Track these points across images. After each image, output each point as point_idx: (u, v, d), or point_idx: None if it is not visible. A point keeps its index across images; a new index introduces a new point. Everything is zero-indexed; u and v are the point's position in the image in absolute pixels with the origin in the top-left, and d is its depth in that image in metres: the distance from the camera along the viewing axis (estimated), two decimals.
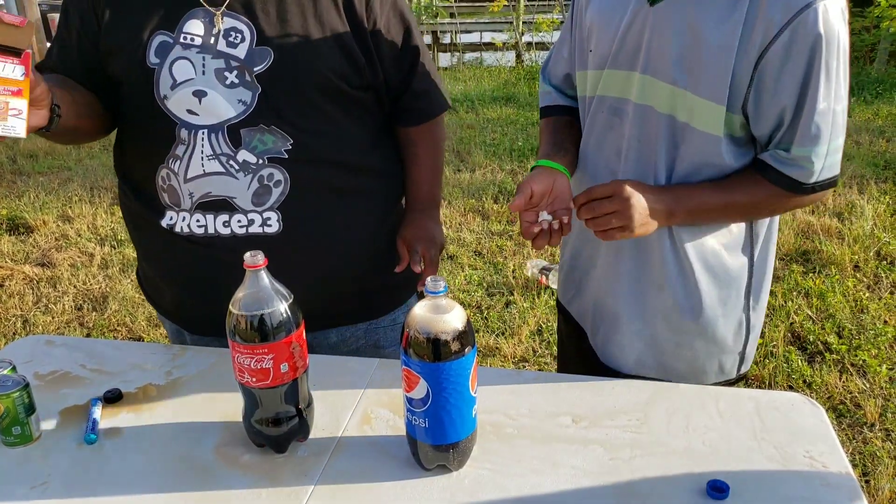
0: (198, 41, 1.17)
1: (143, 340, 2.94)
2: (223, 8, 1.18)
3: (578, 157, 1.28)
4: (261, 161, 1.19)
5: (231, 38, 1.18)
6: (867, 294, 3.08)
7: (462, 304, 3.10)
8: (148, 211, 1.26)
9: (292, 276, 1.23)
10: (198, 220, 1.22)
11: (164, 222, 1.24)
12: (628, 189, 1.05)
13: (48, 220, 4.06)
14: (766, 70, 1.01)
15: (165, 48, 1.18)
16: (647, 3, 1.09)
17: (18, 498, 0.94)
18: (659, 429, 1.04)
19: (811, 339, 2.76)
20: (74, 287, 3.37)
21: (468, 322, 0.91)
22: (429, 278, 0.89)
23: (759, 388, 2.52)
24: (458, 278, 3.32)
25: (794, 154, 1.06)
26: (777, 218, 1.24)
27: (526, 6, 9.52)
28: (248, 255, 0.93)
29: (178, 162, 1.20)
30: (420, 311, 0.90)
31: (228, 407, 1.11)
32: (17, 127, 0.98)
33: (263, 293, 0.94)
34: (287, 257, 1.21)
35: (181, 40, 1.18)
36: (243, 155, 1.19)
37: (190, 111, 1.18)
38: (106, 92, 1.24)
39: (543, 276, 3.24)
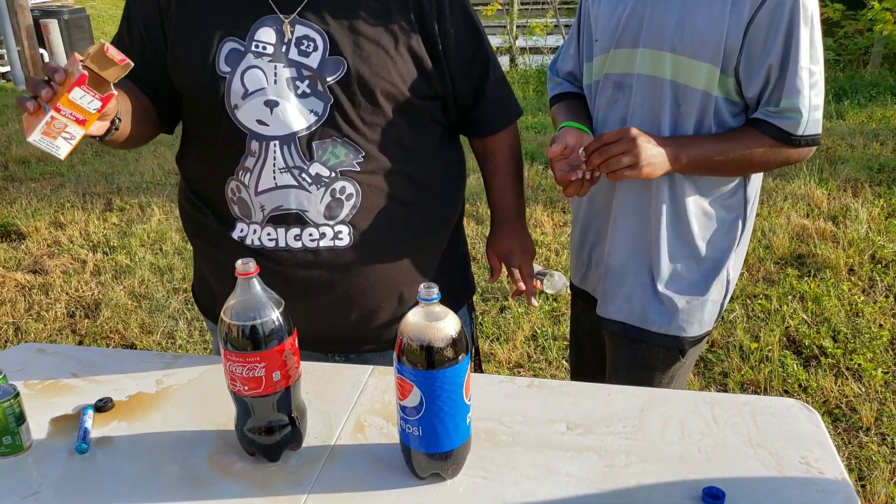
0: (269, 49, 1.16)
1: (135, 348, 2.92)
2: (294, 15, 1.16)
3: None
4: (333, 174, 1.18)
5: (303, 47, 1.16)
6: (862, 298, 3.08)
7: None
8: (217, 222, 1.25)
9: (363, 291, 1.25)
10: (269, 234, 1.21)
11: (235, 234, 1.23)
12: (634, 131, 1.19)
13: (40, 227, 4.04)
14: (755, 35, 1.18)
15: (236, 56, 1.16)
16: None
17: None
18: (654, 435, 1.04)
19: (806, 344, 2.76)
20: (67, 294, 3.35)
21: (462, 329, 0.91)
22: (422, 285, 0.89)
23: (755, 392, 2.51)
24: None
25: (783, 106, 1.20)
26: (758, 192, 1.38)
27: (520, 10, 9.55)
28: (239, 262, 0.93)
29: (249, 174, 1.19)
30: (413, 318, 0.90)
31: (221, 415, 1.10)
32: (62, 148, 0.99)
33: (255, 301, 0.93)
34: (359, 271, 1.22)
35: (252, 48, 1.16)
36: (316, 168, 1.18)
37: (260, 122, 1.16)
38: (163, 100, 1.23)
39: (538, 281, 3.23)
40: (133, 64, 1.01)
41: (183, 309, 3.21)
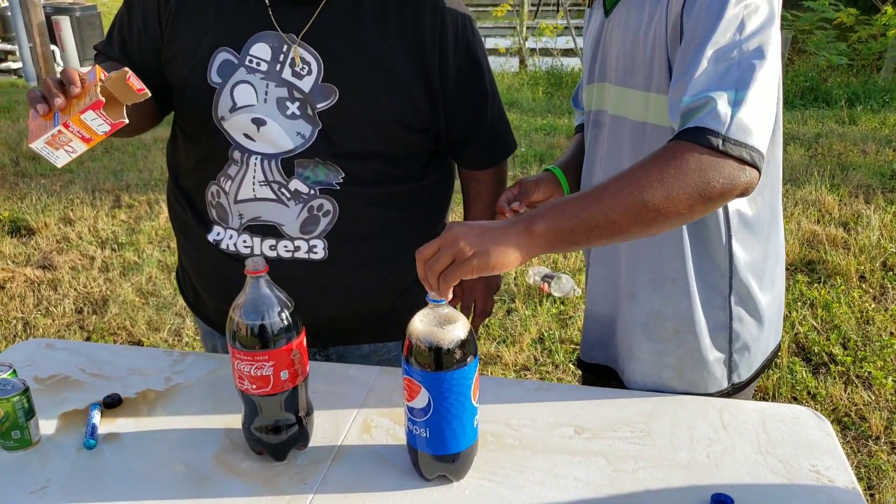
0: (263, 66, 1.15)
1: (142, 344, 2.93)
2: (298, 40, 1.15)
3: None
4: (312, 191, 1.18)
5: (297, 69, 1.15)
6: (873, 305, 3.06)
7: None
8: (196, 222, 1.26)
9: (332, 297, 1.25)
10: (245, 241, 1.21)
11: (211, 237, 1.23)
12: (452, 223, 0.91)
13: (50, 223, 4.06)
14: (673, 39, 0.97)
15: (229, 68, 1.15)
16: (604, 16, 1.13)
17: (17, 503, 0.93)
18: (662, 441, 1.03)
19: (816, 351, 2.74)
20: (75, 290, 3.37)
21: (470, 331, 0.90)
22: None
23: (763, 398, 2.50)
24: None
25: (688, 103, 0.90)
26: (774, 228, 1.14)
27: (529, 12, 9.54)
28: (249, 261, 0.93)
29: (230, 181, 1.19)
30: (422, 319, 0.89)
31: (228, 414, 1.10)
32: (61, 159, 1.00)
33: (264, 300, 0.93)
34: (329, 281, 1.23)
35: (246, 63, 1.15)
36: (295, 184, 1.18)
37: (247, 136, 1.16)
38: (161, 92, 1.23)
39: (545, 284, 3.23)
40: (150, 94, 1.02)
41: None
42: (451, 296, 0.89)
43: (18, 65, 9.38)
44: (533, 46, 9.28)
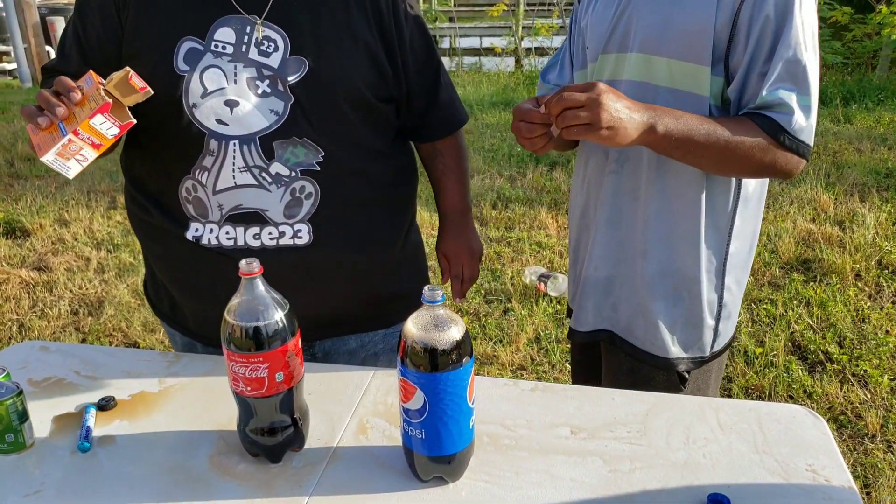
0: (229, 49, 1.16)
1: (138, 346, 2.92)
2: (260, 20, 1.16)
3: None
4: (293, 173, 1.19)
5: (263, 47, 1.16)
6: (868, 303, 3.07)
7: (459, 311, 3.09)
8: (169, 222, 1.24)
9: (318, 286, 1.25)
10: (227, 233, 1.20)
11: (190, 234, 1.22)
12: (602, 86, 1.02)
13: (45, 224, 4.05)
14: (742, 28, 1.10)
15: (195, 55, 1.16)
16: None
17: None
18: (658, 441, 1.03)
19: (812, 349, 2.75)
20: (70, 291, 3.36)
21: (466, 332, 0.90)
22: (426, 287, 0.88)
23: (759, 397, 2.50)
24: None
25: (767, 98, 1.10)
26: (760, 209, 1.28)
27: (525, 11, 9.54)
28: (243, 262, 0.92)
29: (206, 173, 1.18)
30: (417, 321, 0.89)
31: (223, 416, 1.09)
32: (72, 169, 1.00)
33: (259, 301, 0.93)
34: (315, 268, 1.23)
35: (212, 48, 1.16)
36: (276, 167, 1.18)
37: (220, 121, 1.16)
38: None
39: (542, 284, 3.23)
40: (153, 92, 1.02)
41: None
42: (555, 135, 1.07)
43: (13, 66, 9.36)
44: (528, 46, 9.28)
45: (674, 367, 1.29)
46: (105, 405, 1.12)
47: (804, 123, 1.11)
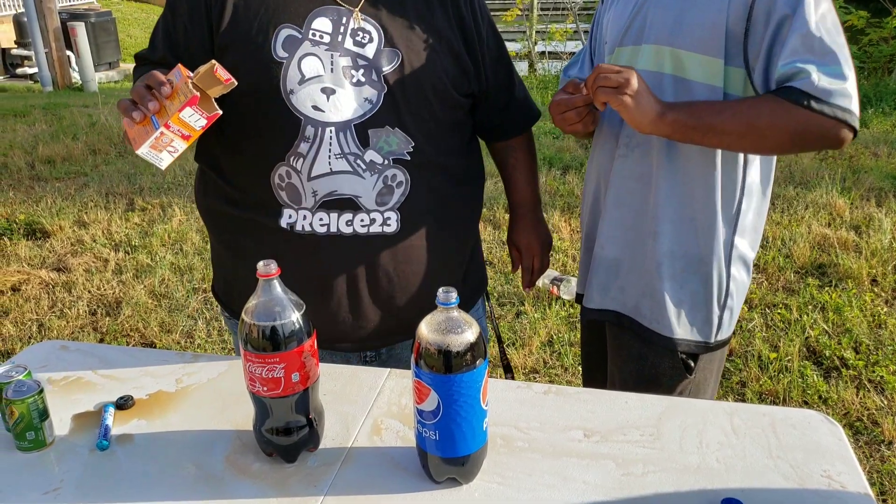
0: (326, 38, 1.20)
1: (155, 346, 2.95)
2: (357, 10, 1.22)
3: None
4: (386, 162, 1.22)
5: (358, 38, 1.21)
6: (885, 309, 3.03)
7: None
8: (261, 211, 1.25)
9: (403, 275, 1.29)
10: (321, 219, 1.22)
11: (284, 221, 1.23)
12: (630, 68, 1.15)
13: (64, 226, 4.10)
14: (758, 18, 1.14)
15: (293, 43, 1.19)
16: None
17: (31, 503, 0.95)
18: (672, 444, 1.03)
19: (827, 355, 2.72)
20: (89, 292, 3.40)
21: (480, 334, 0.91)
22: (441, 290, 0.89)
23: (773, 402, 2.49)
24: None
25: (781, 71, 1.13)
26: (764, 206, 1.31)
27: (539, 16, 9.54)
28: (261, 264, 0.94)
29: (302, 159, 1.20)
30: (432, 322, 0.90)
31: (239, 415, 1.11)
32: (165, 161, 1.04)
33: (276, 302, 0.94)
34: (401, 257, 1.27)
35: (310, 36, 1.19)
36: (370, 155, 1.21)
37: (316, 107, 1.19)
38: None
39: (555, 287, 3.23)
40: (237, 83, 1.05)
41: (202, 309, 3.24)
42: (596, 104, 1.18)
43: (34, 70, 9.49)
44: (542, 50, 9.27)
45: (679, 348, 1.32)
46: (123, 404, 1.14)
47: (830, 86, 1.10)
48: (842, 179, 4.43)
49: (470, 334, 0.89)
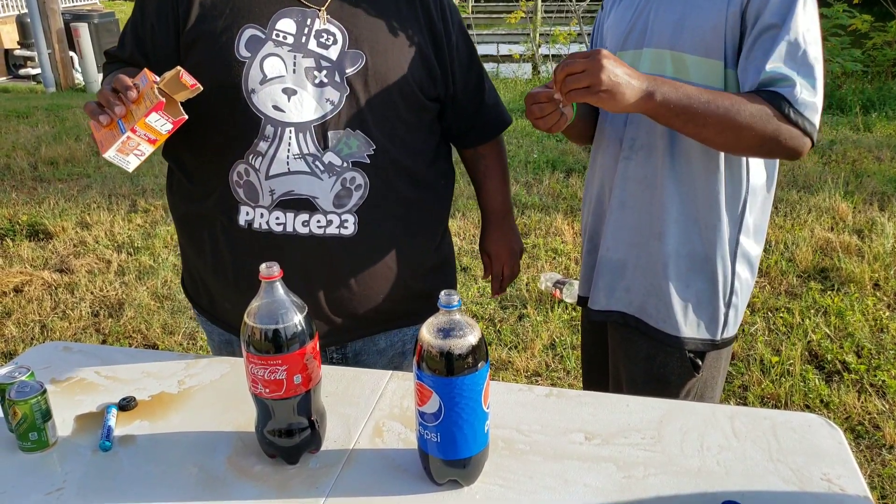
0: (290, 39, 1.20)
1: (157, 348, 2.96)
2: (323, 10, 1.22)
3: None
4: (345, 164, 1.22)
5: (322, 39, 1.21)
6: (887, 313, 3.03)
7: (475, 316, 3.10)
8: (219, 208, 1.26)
9: (359, 277, 1.29)
10: (277, 218, 1.23)
11: (242, 219, 1.24)
12: (604, 52, 1.08)
13: (67, 227, 4.11)
14: (750, 20, 1.16)
15: (256, 43, 1.19)
16: None
17: (34, 503, 0.95)
18: (673, 447, 1.03)
19: (829, 358, 2.72)
20: (91, 293, 3.40)
21: (482, 337, 0.91)
22: (442, 292, 0.90)
23: (775, 406, 2.48)
24: (472, 290, 3.32)
25: (769, 72, 1.14)
26: (767, 206, 1.32)
27: (543, 18, 9.55)
28: (263, 266, 0.94)
29: (260, 158, 1.21)
30: (434, 325, 0.90)
31: (241, 417, 1.11)
32: (132, 164, 1.06)
33: (279, 304, 0.94)
34: (358, 258, 1.27)
35: (273, 37, 1.20)
36: (329, 157, 1.21)
37: (276, 107, 1.19)
38: None
39: (557, 290, 3.23)
40: (202, 88, 1.06)
41: None
42: (568, 105, 1.16)
43: (37, 70, 9.51)
44: (546, 53, 9.28)
45: (685, 346, 1.33)
46: (126, 405, 1.14)
47: (809, 99, 1.14)
48: (845, 183, 4.42)
49: (472, 337, 0.89)
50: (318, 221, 1.23)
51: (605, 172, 1.38)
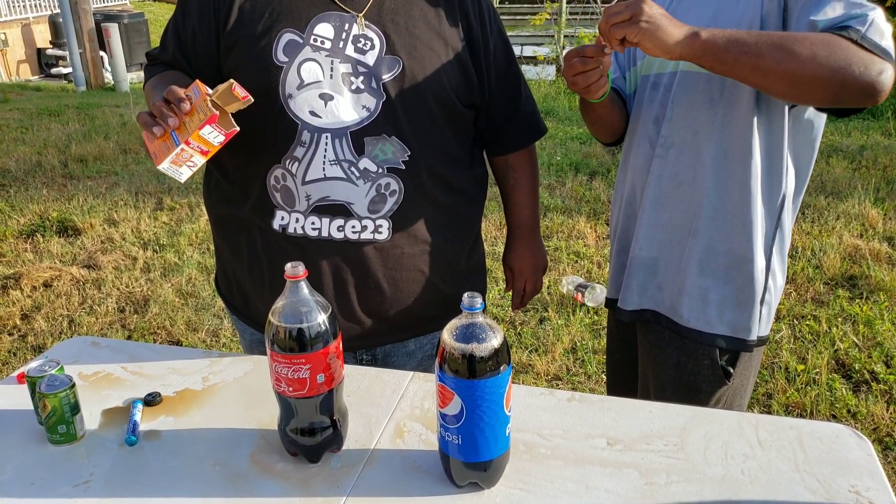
0: (327, 45, 1.21)
1: (181, 344, 2.99)
2: (361, 15, 1.22)
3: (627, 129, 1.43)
4: (380, 170, 1.23)
5: (360, 45, 1.21)
6: None
7: (496, 318, 3.09)
8: (256, 211, 1.27)
9: (393, 284, 1.30)
10: (313, 223, 1.24)
11: (276, 223, 1.25)
12: None
13: (95, 224, 4.18)
14: (793, 7, 1.13)
15: (294, 47, 1.20)
16: None
17: (62, 495, 0.97)
18: (696, 455, 1.02)
19: (857, 368, 2.67)
20: (118, 289, 3.46)
21: (504, 340, 0.91)
22: (465, 295, 0.90)
23: (800, 415, 2.44)
24: (493, 292, 3.31)
25: (834, 18, 1.08)
26: (798, 203, 1.30)
27: (568, 20, 9.51)
28: (288, 265, 0.95)
29: (297, 163, 1.22)
30: (456, 326, 0.90)
31: (264, 415, 1.12)
32: (184, 175, 1.07)
33: (303, 304, 0.95)
34: (392, 265, 1.27)
35: (311, 42, 1.20)
36: (365, 163, 1.22)
37: (313, 113, 1.20)
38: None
39: (579, 294, 3.21)
40: (253, 100, 1.06)
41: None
42: (614, 46, 1.11)
43: (69, 69, 9.69)
44: None
45: (717, 344, 1.31)
46: (151, 401, 1.16)
47: (882, 27, 1.07)
48: (875, 190, 4.34)
49: (495, 340, 0.89)
50: (353, 227, 1.24)
51: (636, 173, 1.38)
